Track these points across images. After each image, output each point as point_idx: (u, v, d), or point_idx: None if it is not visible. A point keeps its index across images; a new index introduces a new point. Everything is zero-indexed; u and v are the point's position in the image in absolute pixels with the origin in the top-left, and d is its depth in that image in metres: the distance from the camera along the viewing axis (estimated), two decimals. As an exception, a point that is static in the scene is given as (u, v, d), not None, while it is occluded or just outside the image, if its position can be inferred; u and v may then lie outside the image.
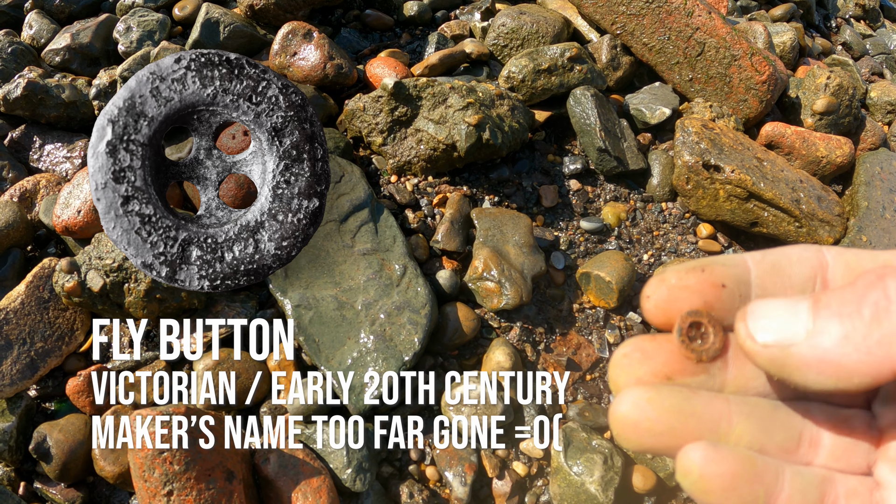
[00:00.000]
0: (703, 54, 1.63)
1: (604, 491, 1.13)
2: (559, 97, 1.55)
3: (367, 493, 1.14)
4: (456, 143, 1.36)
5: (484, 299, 1.29)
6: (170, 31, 1.62)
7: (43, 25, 1.68)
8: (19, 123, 1.57)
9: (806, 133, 1.66)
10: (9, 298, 1.27)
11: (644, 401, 0.31)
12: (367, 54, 1.67)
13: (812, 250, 0.34)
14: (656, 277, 0.34)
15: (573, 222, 1.47)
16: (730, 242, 1.53)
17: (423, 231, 1.36)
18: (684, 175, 1.49)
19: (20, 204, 1.41)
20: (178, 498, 1.03)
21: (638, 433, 0.31)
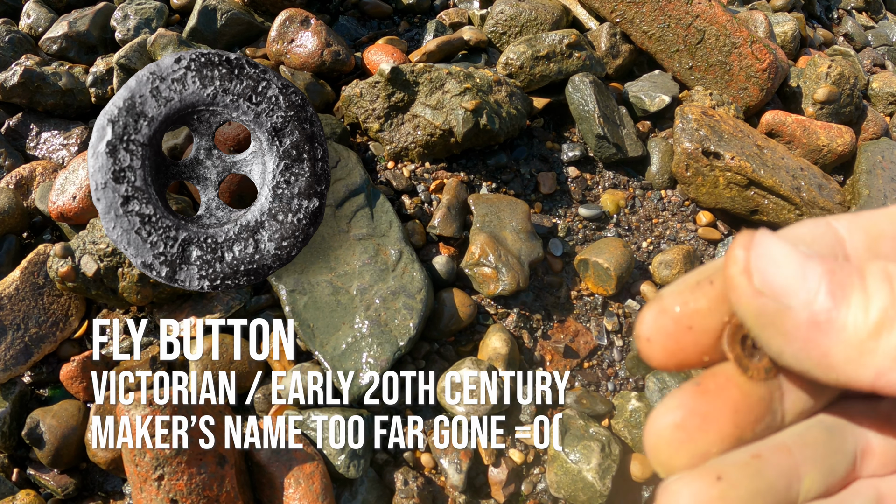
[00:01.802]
0: (703, 42, 1.62)
1: (601, 479, 1.12)
2: (558, 84, 1.54)
3: (362, 479, 1.13)
4: (453, 128, 1.35)
5: (481, 285, 1.28)
6: (167, 19, 1.62)
7: (41, 14, 1.68)
8: (16, 111, 1.56)
9: (807, 122, 1.65)
10: (3, 284, 1.26)
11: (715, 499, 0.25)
12: (365, 42, 1.66)
13: (822, 226, 0.28)
14: (652, 309, 0.27)
15: (571, 209, 1.46)
16: (729, 230, 1.52)
17: (419, 217, 1.35)
18: (684, 162, 1.48)
19: (16, 191, 1.40)
20: (170, 482, 1.02)
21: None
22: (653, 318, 0.27)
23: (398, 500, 1.12)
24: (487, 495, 1.17)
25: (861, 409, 0.29)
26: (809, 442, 0.27)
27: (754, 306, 0.24)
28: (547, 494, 1.18)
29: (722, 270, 0.26)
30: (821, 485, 0.27)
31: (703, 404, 0.26)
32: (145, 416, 1.01)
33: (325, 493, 1.07)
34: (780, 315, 0.24)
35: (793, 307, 0.24)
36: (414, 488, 1.12)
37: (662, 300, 0.27)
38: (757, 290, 0.24)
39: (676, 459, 0.26)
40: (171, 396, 1.03)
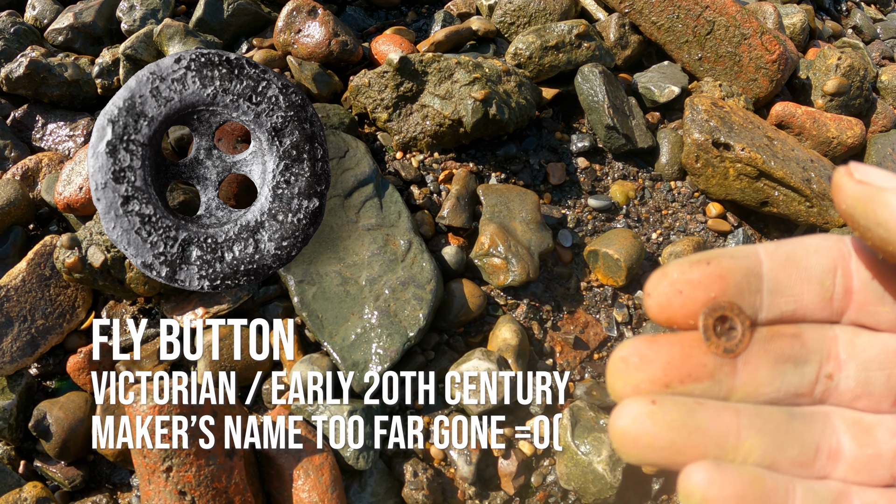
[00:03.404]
0: (713, 33, 1.61)
1: (612, 471, 1.11)
2: (567, 75, 1.53)
3: (371, 471, 1.12)
4: (462, 118, 1.34)
5: (490, 276, 1.27)
6: (173, 10, 1.61)
7: (46, 6, 1.67)
8: (22, 103, 1.56)
9: (816, 113, 1.64)
10: (10, 276, 1.25)
11: (644, 415, 0.29)
12: (373, 32, 1.65)
13: (831, 240, 0.32)
14: (658, 272, 0.32)
15: (581, 200, 1.45)
16: (739, 222, 1.51)
17: (428, 207, 1.34)
18: (693, 153, 1.47)
19: (22, 182, 1.39)
20: (178, 474, 1.01)
21: (638, 449, 0.29)
22: (655, 279, 0.32)
23: (407, 492, 1.12)
24: (497, 487, 1.16)
25: (840, 417, 0.32)
26: (763, 416, 0.31)
27: (857, 191, 0.29)
28: (557, 486, 1.17)
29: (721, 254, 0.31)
30: (764, 454, 0.30)
31: (646, 348, 0.31)
32: (150, 414, 1.00)
33: (335, 484, 1.06)
34: (878, 193, 0.29)
35: (887, 188, 0.29)
36: (423, 480, 1.12)
37: (666, 268, 0.32)
38: (859, 180, 0.29)
39: (616, 385, 0.31)
40: (176, 394, 1.02)
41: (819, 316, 0.32)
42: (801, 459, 0.30)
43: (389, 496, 1.12)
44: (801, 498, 0.29)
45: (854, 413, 0.32)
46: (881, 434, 0.31)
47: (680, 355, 0.31)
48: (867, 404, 0.32)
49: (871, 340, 0.32)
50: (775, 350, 0.31)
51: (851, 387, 0.32)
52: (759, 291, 0.31)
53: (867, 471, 0.31)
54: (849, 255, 0.32)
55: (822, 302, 0.32)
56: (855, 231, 0.30)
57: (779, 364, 0.31)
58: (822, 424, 0.31)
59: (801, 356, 0.31)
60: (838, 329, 0.32)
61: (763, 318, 0.32)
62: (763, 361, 0.31)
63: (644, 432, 0.29)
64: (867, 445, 0.31)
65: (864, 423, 0.31)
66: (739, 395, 0.31)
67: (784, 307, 0.32)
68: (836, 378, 0.32)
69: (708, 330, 0.31)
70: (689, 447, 0.29)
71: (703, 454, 0.29)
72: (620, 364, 0.31)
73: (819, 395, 0.32)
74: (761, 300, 0.31)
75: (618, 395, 0.31)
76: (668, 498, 1.19)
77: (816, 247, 0.32)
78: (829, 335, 0.32)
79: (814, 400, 0.32)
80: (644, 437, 0.29)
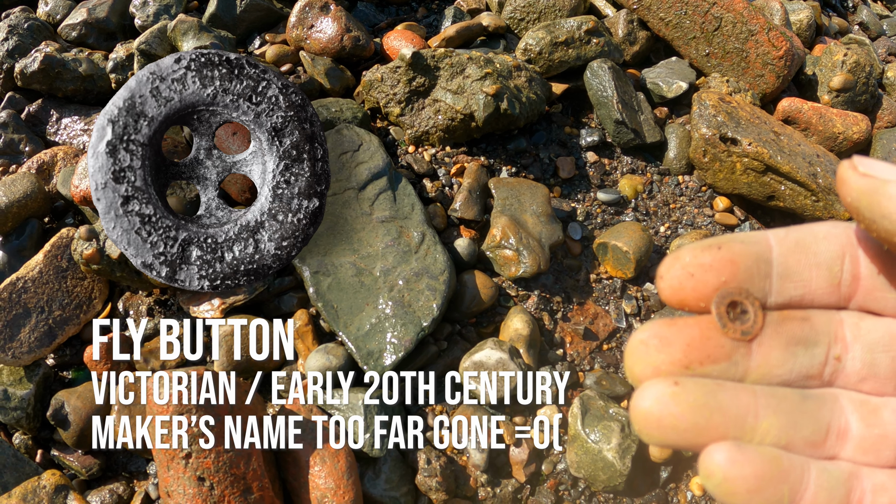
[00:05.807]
0: (720, 29, 1.63)
1: (621, 459, 1.13)
2: (576, 70, 1.54)
3: (385, 458, 1.14)
4: (474, 112, 1.36)
5: (502, 267, 1.28)
6: (186, 5, 1.62)
7: (59, 1, 1.68)
8: (36, 97, 1.57)
9: (823, 109, 1.65)
10: (27, 268, 1.27)
11: (668, 396, 0.30)
12: (384, 28, 1.66)
13: (840, 227, 0.33)
14: (670, 256, 0.32)
15: (590, 194, 1.47)
16: (746, 216, 1.53)
17: (440, 200, 1.36)
18: (701, 148, 1.48)
19: (38, 175, 1.41)
20: (197, 460, 1.03)
21: (661, 430, 0.30)
22: (669, 262, 0.32)
23: (421, 479, 1.13)
24: (508, 475, 1.18)
25: (848, 398, 0.32)
26: (778, 396, 0.31)
27: (861, 184, 0.30)
28: (567, 474, 1.18)
29: (732, 239, 0.32)
30: (780, 433, 0.30)
31: (665, 330, 0.31)
32: (164, 413, 1.01)
33: (350, 471, 1.08)
34: (883, 185, 0.29)
35: (891, 180, 0.29)
36: (437, 467, 1.13)
37: (679, 251, 0.32)
38: (863, 173, 0.30)
39: (636, 368, 0.31)
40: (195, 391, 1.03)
41: (827, 301, 0.33)
42: (813, 439, 0.31)
43: (403, 483, 1.14)
44: (816, 478, 0.30)
45: (860, 395, 0.32)
46: (887, 415, 0.31)
47: (699, 337, 0.31)
48: (872, 386, 0.32)
49: (875, 324, 0.32)
50: (787, 332, 0.32)
51: (857, 368, 0.32)
52: (769, 276, 0.32)
53: (874, 451, 0.31)
54: (857, 243, 0.32)
55: (830, 287, 0.32)
56: (860, 223, 0.31)
57: (790, 346, 0.32)
58: (831, 405, 0.32)
59: (812, 338, 0.32)
60: (843, 313, 0.33)
61: (772, 302, 0.32)
62: (776, 343, 0.32)
63: (667, 413, 0.29)
64: (874, 426, 0.31)
65: (870, 404, 0.32)
66: (754, 377, 0.32)
67: (793, 292, 0.32)
68: (844, 360, 0.32)
69: (722, 316, 0.31)
70: (710, 428, 0.30)
71: (723, 435, 0.30)
72: (640, 346, 0.31)
73: (828, 376, 0.33)
74: (771, 285, 0.32)
75: (637, 378, 0.31)
76: (676, 486, 1.20)
77: (826, 233, 0.32)
78: (836, 318, 0.33)
79: (823, 382, 0.32)
80: (667, 418, 0.29)
